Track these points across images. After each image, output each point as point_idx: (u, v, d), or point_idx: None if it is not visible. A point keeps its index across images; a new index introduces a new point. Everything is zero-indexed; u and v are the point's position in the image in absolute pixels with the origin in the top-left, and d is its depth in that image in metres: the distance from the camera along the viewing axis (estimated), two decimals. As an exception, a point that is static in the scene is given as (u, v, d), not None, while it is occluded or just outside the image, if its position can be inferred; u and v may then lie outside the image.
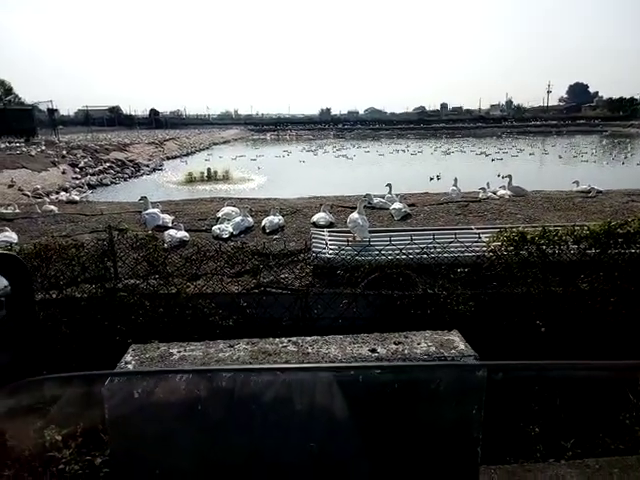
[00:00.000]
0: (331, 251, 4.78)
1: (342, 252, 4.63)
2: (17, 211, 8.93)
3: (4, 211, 8.74)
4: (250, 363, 1.66)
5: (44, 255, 3.94)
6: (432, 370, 1.69)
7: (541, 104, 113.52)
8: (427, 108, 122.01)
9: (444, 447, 1.76)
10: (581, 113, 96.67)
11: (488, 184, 9.36)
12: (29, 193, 15.84)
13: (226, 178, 23.04)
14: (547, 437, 2.64)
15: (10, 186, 17.00)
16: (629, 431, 2.66)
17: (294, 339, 1.92)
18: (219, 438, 1.64)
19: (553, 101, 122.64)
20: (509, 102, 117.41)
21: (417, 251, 4.49)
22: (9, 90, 57.58)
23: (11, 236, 6.00)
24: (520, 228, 4.41)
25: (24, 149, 24.28)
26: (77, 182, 20.56)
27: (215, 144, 51.40)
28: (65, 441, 2.41)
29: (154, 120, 73.78)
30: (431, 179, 19.92)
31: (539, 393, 2.84)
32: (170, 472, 1.66)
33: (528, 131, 66.87)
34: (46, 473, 2.40)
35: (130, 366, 1.69)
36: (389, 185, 8.47)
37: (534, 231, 4.26)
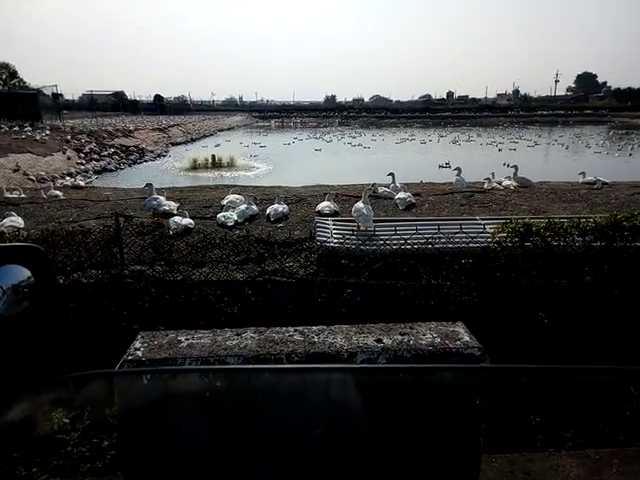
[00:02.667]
0: (335, 240, 4.79)
1: (347, 241, 4.64)
2: (23, 196, 8.96)
3: (10, 195, 8.78)
4: (257, 351, 1.69)
5: (51, 241, 3.97)
6: (437, 361, 1.72)
7: (549, 93, 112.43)
8: (433, 96, 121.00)
9: (447, 436, 1.79)
10: (589, 103, 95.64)
11: (493, 174, 9.31)
12: (34, 178, 15.88)
13: (231, 165, 23.00)
14: (548, 427, 2.68)
15: (15, 170, 17.02)
16: (630, 423, 2.69)
17: (300, 328, 1.95)
18: (228, 423, 1.67)
19: (561, 91, 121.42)
20: (516, 91, 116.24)
21: (422, 241, 4.49)
22: (14, 74, 57.37)
23: (17, 221, 6.03)
24: (525, 219, 4.40)
25: (29, 133, 24.26)
26: (82, 167, 20.55)
27: (220, 131, 51.22)
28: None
29: (158, 106, 73.52)
30: (440, 166, 19.82)
31: (541, 385, 2.87)
32: (178, 456, 1.70)
33: (535, 121, 66.27)
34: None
35: (139, 353, 1.72)
36: (392, 174, 8.42)
37: (539, 223, 4.26)
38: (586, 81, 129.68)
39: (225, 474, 1.71)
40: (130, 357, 1.70)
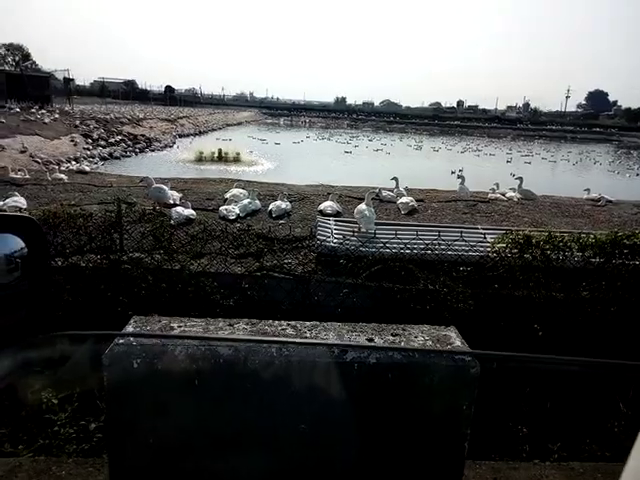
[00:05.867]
0: (336, 240, 4.79)
1: (347, 242, 4.65)
2: (27, 177, 8.98)
3: (15, 176, 8.80)
4: (249, 343, 1.69)
5: (52, 222, 3.98)
6: (426, 363, 1.72)
7: (559, 109, 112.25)
8: (443, 104, 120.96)
9: (432, 439, 1.79)
10: (598, 121, 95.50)
11: (497, 185, 9.31)
12: (40, 160, 15.92)
13: (237, 160, 23.01)
14: (534, 438, 2.68)
15: (22, 152, 17.07)
16: (617, 439, 2.69)
17: (293, 323, 1.95)
18: (215, 410, 1.68)
19: (571, 107, 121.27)
20: (526, 104, 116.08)
21: (421, 246, 4.49)
22: (27, 56, 57.55)
23: (20, 201, 6.06)
24: (526, 231, 4.40)
25: (38, 116, 24.32)
26: (88, 153, 20.61)
27: (228, 125, 51.27)
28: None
29: (169, 97, 73.57)
30: (452, 173, 19.79)
31: (530, 396, 2.87)
32: (163, 441, 1.70)
33: (543, 135, 66.20)
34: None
35: (131, 337, 1.72)
36: (395, 179, 8.40)
37: (540, 235, 4.26)
38: (597, 99, 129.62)
39: (210, 462, 1.72)
40: (121, 340, 1.70)
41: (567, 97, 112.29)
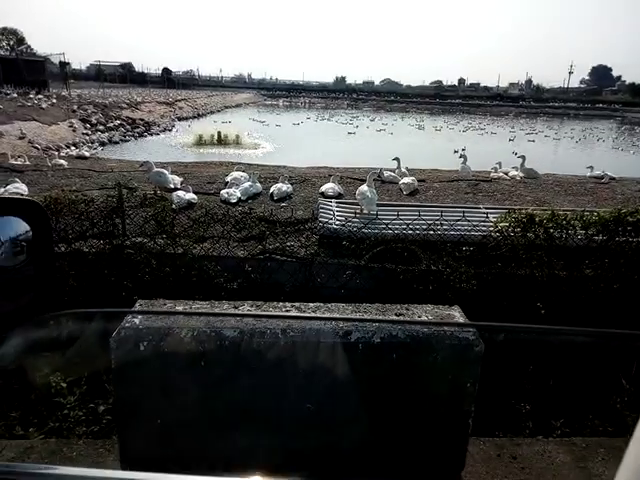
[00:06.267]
0: (338, 222, 4.78)
1: (349, 223, 4.64)
2: (27, 163, 8.95)
3: (15, 162, 8.76)
4: (254, 324, 1.70)
5: (54, 208, 3.97)
6: (430, 342, 1.73)
7: (562, 85, 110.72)
8: (444, 82, 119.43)
9: (437, 417, 1.81)
10: (601, 97, 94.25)
11: (500, 164, 9.24)
12: (39, 146, 15.84)
13: (237, 143, 22.85)
14: (537, 415, 2.71)
15: (21, 138, 16.97)
16: (619, 415, 2.72)
17: (297, 304, 1.96)
18: (220, 391, 1.70)
19: (574, 83, 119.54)
20: (529, 81, 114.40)
21: (424, 227, 4.48)
22: (21, 40, 56.79)
23: (21, 187, 6.04)
24: (529, 210, 4.38)
25: (35, 101, 24.11)
26: (87, 138, 20.47)
27: (227, 107, 50.80)
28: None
29: (166, 79, 72.75)
30: (455, 152, 19.61)
31: (532, 373, 2.90)
32: (170, 421, 1.73)
33: (546, 112, 65.46)
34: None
35: (137, 320, 1.73)
36: (397, 159, 8.33)
37: (543, 214, 4.23)
38: (600, 74, 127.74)
39: (215, 441, 1.74)
40: (127, 324, 1.71)
41: (570, 73, 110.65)
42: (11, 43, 56.12)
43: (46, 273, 0.79)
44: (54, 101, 25.50)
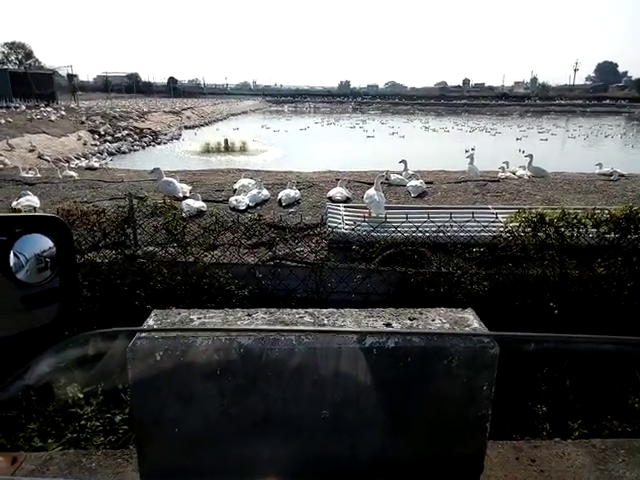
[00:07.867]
0: (347, 226, 4.80)
1: (358, 227, 4.65)
2: (38, 175, 9.06)
3: (26, 175, 8.88)
4: (268, 332, 1.71)
5: (66, 220, 4.02)
6: (445, 346, 1.72)
7: (567, 82, 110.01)
8: (449, 83, 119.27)
9: (453, 421, 1.80)
10: (608, 93, 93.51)
11: (507, 163, 9.20)
12: (49, 158, 16.04)
13: (243, 150, 22.97)
14: (554, 417, 2.68)
15: (31, 150, 17.20)
16: (638, 415, 2.69)
17: (310, 311, 1.96)
18: (237, 399, 1.71)
19: (580, 80, 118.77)
20: (534, 79, 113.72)
21: (433, 229, 4.48)
22: (29, 54, 57.60)
23: (33, 200, 6.12)
24: (539, 209, 4.35)
25: (44, 114, 24.44)
26: (96, 149, 20.71)
27: (233, 115, 51.12)
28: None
29: (172, 88, 73.45)
30: (466, 151, 19.54)
31: (549, 374, 2.87)
32: (189, 430, 1.73)
33: (552, 110, 65.08)
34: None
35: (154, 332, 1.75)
36: (404, 162, 8.33)
37: (553, 213, 4.21)
38: (606, 70, 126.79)
39: (234, 450, 1.75)
40: (143, 333, 1.73)
41: (575, 70, 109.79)
42: (19, 57, 56.97)
43: (71, 288, 0.81)
44: (63, 113, 25.85)
